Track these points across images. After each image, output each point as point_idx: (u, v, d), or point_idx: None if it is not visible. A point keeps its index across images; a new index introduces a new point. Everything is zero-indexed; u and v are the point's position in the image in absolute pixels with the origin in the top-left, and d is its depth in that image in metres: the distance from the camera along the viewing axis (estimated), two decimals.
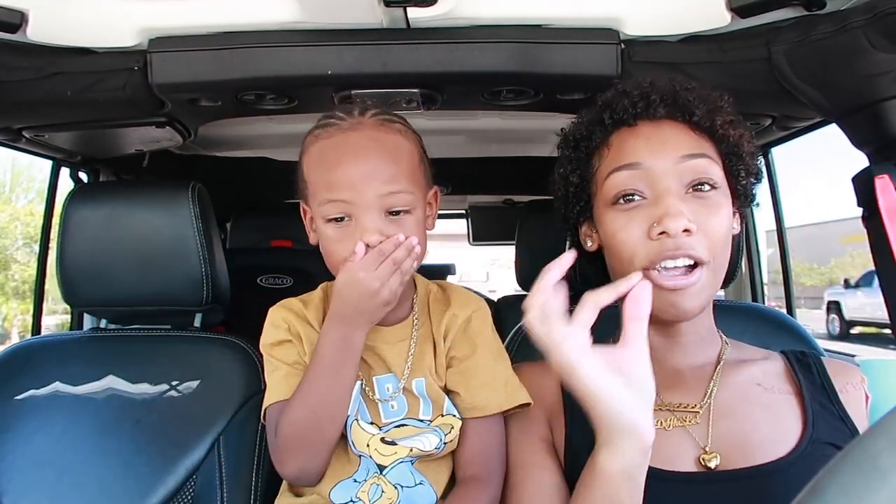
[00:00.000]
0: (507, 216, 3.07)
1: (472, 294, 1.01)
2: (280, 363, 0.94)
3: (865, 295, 11.36)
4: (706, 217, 0.78)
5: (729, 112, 0.84)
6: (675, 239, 0.76)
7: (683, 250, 0.76)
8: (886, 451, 0.34)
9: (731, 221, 0.82)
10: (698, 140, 0.82)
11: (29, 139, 1.41)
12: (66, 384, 1.17)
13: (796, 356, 0.90)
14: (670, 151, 0.80)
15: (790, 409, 0.83)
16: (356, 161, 0.86)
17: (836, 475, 0.35)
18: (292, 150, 2.22)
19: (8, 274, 10.80)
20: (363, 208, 0.86)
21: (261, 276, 2.30)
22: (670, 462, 0.80)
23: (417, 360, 0.94)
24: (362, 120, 0.90)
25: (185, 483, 1.11)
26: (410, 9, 0.98)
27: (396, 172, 0.87)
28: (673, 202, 0.77)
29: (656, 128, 0.82)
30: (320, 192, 0.88)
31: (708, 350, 0.88)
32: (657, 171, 0.80)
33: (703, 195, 0.79)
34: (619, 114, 0.84)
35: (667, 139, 0.81)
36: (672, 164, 0.80)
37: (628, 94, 0.84)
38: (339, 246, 0.87)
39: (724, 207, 0.81)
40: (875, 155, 1.03)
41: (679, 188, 0.79)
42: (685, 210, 0.77)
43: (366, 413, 0.92)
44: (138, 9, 1.01)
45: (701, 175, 0.79)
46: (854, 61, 0.92)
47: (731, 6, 0.97)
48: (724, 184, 0.82)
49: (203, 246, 1.17)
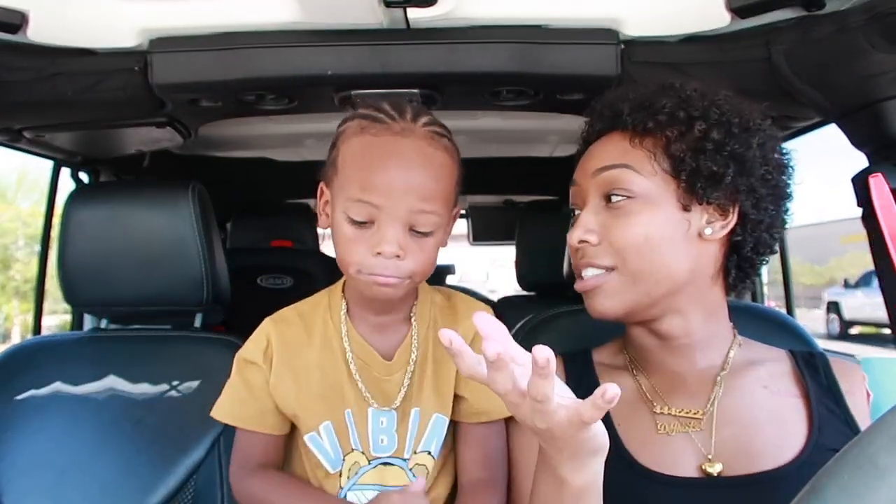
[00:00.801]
0: (507, 216, 3.07)
1: (478, 303, 1.00)
2: (242, 385, 0.95)
3: (865, 295, 11.36)
4: (613, 226, 0.82)
5: (671, 109, 0.81)
6: (582, 250, 0.85)
7: (585, 259, 0.85)
8: (885, 450, 0.34)
9: (657, 227, 0.81)
10: (626, 149, 0.84)
11: (29, 139, 1.41)
12: (66, 384, 1.17)
13: (804, 357, 0.89)
14: (590, 166, 0.87)
15: (796, 413, 0.82)
16: (399, 170, 0.83)
17: (835, 474, 0.35)
18: (292, 150, 2.23)
19: (9, 274, 10.81)
20: (391, 218, 0.82)
21: (261, 276, 2.30)
22: (672, 467, 0.80)
23: (416, 386, 0.93)
24: (414, 127, 0.86)
25: (186, 483, 1.12)
26: (410, 9, 0.98)
27: (435, 193, 0.84)
28: (581, 216, 0.86)
29: (598, 143, 0.89)
30: (353, 188, 0.84)
31: (710, 353, 0.87)
32: (581, 186, 0.88)
33: (615, 205, 0.83)
34: (585, 133, 0.94)
35: (594, 155, 0.88)
36: (589, 178, 0.86)
37: (593, 110, 0.92)
38: (354, 247, 0.84)
39: (639, 216, 0.81)
40: (874, 155, 1.03)
41: (596, 201, 0.85)
42: (591, 222, 0.84)
43: (358, 443, 0.91)
44: (139, 9, 1.01)
45: (612, 186, 0.83)
46: (854, 61, 0.93)
47: (731, 6, 0.97)
48: (648, 189, 0.81)
49: (203, 246, 1.17)
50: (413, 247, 0.84)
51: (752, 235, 0.84)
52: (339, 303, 0.96)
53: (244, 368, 0.96)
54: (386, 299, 0.88)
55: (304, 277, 2.28)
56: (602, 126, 0.89)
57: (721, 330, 0.89)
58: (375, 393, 0.92)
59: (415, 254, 0.84)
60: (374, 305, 0.94)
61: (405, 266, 0.84)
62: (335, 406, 0.92)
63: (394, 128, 0.85)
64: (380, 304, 0.93)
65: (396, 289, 0.86)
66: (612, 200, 0.83)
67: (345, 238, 0.86)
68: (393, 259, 0.83)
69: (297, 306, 0.99)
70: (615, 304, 0.84)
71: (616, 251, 0.82)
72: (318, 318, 0.96)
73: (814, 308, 13.77)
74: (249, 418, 0.94)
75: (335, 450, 0.91)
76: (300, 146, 2.05)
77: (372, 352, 0.94)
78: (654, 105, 0.83)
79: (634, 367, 0.91)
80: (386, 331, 0.95)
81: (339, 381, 0.92)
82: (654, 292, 0.82)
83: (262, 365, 0.94)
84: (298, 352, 0.94)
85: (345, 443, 0.91)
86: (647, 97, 0.84)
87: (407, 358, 0.94)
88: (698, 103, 0.82)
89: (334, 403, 0.92)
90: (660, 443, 0.82)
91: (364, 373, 0.92)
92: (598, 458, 0.66)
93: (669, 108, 0.82)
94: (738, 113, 0.82)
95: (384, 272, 0.84)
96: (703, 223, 0.82)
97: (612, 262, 0.82)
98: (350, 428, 0.91)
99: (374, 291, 0.86)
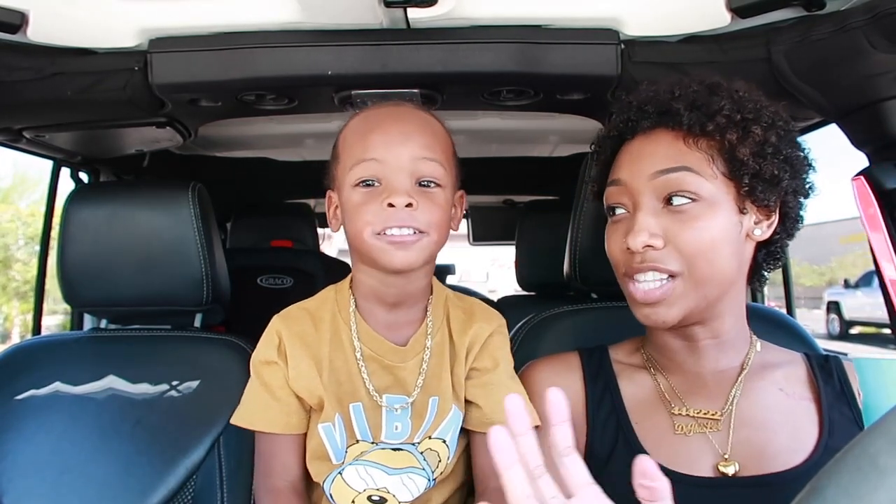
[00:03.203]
0: (507, 216, 3.07)
1: (493, 310, 1.00)
2: (262, 389, 0.93)
3: (865, 295, 11.36)
4: (678, 231, 0.79)
5: (730, 112, 0.80)
6: (645, 254, 0.80)
7: (648, 263, 0.80)
8: (885, 451, 0.34)
9: (722, 231, 0.80)
10: (684, 150, 0.81)
11: (29, 139, 1.41)
12: (66, 384, 1.17)
13: (819, 362, 0.89)
14: (647, 166, 0.82)
15: (809, 416, 0.83)
16: (395, 124, 0.87)
17: (835, 475, 0.35)
18: (292, 150, 2.24)
19: (9, 274, 10.81)
20: (395, 170, 0.85)
21: (261, 276, 2.30)
22: (688, 466, 0.80)
23: (432, 375, 0.93)
24: (407, 104, 0.93)
25: (185, 483, 1.11)
26: (410, 9, 0.98)
27: (432, 143, 0.88)
28: (640, 218, 0.80)
29: (644, 141, 0.84)
30: (355, 154, 0.87)
31: (731, 354, 0.88)
32: (633, 186, 0.83)
33: (678, 209, 0.80)
34: (620, 128, 0.87)
35: (646, 153, 0.83)
36: (647, 179, 0.82)
37: (630, 106, 0.86)
38: (365, 209, 0.85)
39: (704, 219, 0.79)
40: (875, 155, 1.03)
41: (653, 203, 0.81)
42: (653, 225, 0.80)
43: (367, 434, 0.91)
44: (138, 9, 1.01)
45: (675, 189, 0.80)
46: (854, 61, 0.93)
47: (731, 6, 0.97)
48: (715, 193, 0.80)
49: (203, 246, 1.17)
50: (423, 199, 0.85)
51: (787, 234, 0.86)
52: (348, 297, 0.95)
53: (262, 371, 0.94)
54: (404, 269, 0.86)
55: (304, 277, 2.28)
56: (649, 123, 0.84)
57: (744, 331, 0.90)
58: (390, 381, 0.92)
59: (426, 205, 0.85)
60: (387, 296, 0.92)
61: (419, 217, 0.84)
62: (343, 400, 0.91)
63: (388, 105, 0.92)
64: (393, 295, 0.92)
65: (411, 250, 0.84)
66: (675, 203, 0.80)
67: (355, 205, 0.86)
68: (405, 209, 0.83)
69: (303, 303, 0.99)
70: (678, 312, 0.81)
71: (683, 256, 0.79)
72: (326, 313, 0.96)
73: (814, 308, 13.77)
74: (275, 421, 0.93)
75: (342, 441, 0.91)
76: (300, 146, 2.05)
77: (383, 341, 0.93)
78: (710, 106, 0.81)
79: (653, 367, 0.91)
80: (398, 324, 0.95)
81: (349, 374, 0.92)
82: (711, 296, 0.82)
83: (279, 362, 0.93)
84: (309, 345, 0.93)
85: (350, 435, 0.91)
86: (701, 97, 0.82)
87: (423, 344, 0.93)
88: (749, 105, 0.81)
89: (342, 397, 0.91)
90: (676, 443, 0.83)
91: (374, 363, 0.92)
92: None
93: (727, 111, 0.80)
94: (780, 115, 0.83)
95: (399, 223, 0.83)
96: (752, 224, 0.83)
97: (678, 267, 0.79)
98: (357, 421, 0.91)
99: (391, 258, 0.84)
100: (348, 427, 0.91)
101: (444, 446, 0.92)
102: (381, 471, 0.90)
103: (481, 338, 0.95)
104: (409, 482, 0.90)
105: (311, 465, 0.94)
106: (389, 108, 0.91)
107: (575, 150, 2.14)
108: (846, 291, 12.58)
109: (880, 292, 1.01)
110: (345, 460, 0.91)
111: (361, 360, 0.92)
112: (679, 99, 0.82)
